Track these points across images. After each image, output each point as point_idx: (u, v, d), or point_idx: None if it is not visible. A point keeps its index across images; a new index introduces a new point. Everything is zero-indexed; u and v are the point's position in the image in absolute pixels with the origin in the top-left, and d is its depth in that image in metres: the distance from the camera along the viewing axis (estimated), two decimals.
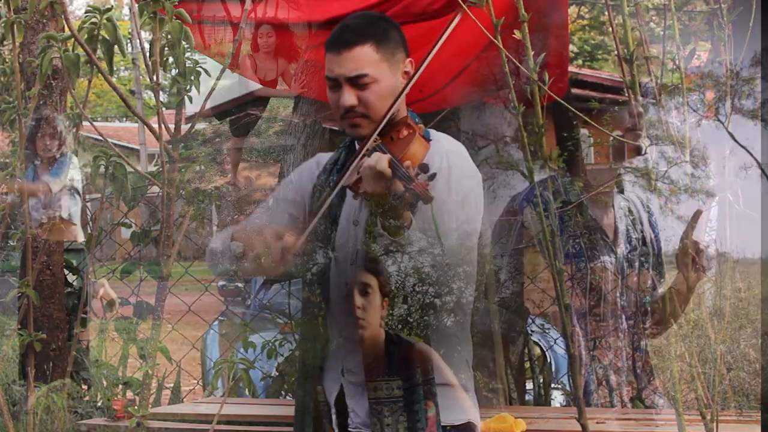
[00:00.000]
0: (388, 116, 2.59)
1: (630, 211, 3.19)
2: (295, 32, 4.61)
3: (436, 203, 2.45)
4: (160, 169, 3.84)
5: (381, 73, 2.62)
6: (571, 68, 4.07)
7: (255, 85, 5.63)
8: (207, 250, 2.74)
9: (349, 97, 2.61)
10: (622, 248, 3.11)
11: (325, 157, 2.86)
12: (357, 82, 2.60)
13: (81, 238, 4.46)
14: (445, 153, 2.64)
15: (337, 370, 2.59)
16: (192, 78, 3.71)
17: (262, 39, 4.86)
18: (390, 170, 2.42)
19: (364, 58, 2.60)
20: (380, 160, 2.44)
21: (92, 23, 3.77)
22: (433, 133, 2.73)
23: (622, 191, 3.19)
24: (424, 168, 2.43)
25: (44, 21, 5.26)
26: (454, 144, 2.74)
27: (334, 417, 2.57)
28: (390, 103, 2.62)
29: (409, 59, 2.69)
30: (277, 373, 3.61)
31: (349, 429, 2.53)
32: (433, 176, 2.42)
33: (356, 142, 2.72)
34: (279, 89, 4.98)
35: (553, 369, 3.33)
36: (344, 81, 2.62)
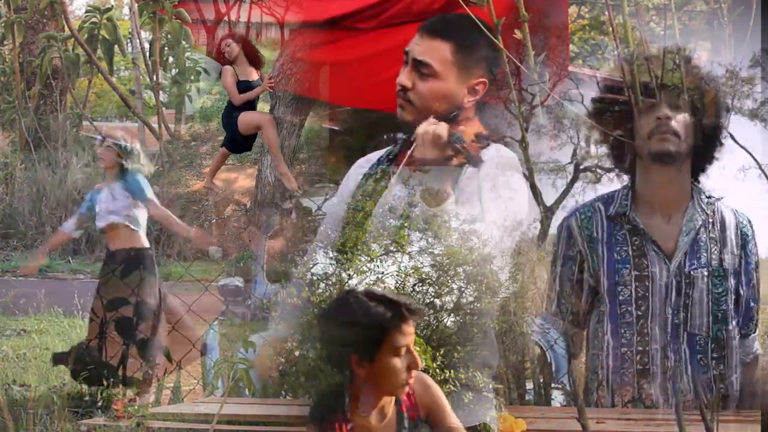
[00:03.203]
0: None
1: (708, 226, 3.00)
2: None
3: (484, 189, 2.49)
4: (160, 168, 3.84)
5: (447, 74, 2.65)
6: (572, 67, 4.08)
7: None
8: None
9: (405, 77, 2.65)
10: (679, 262, 2.98)
11: (375, 154, 2.90)
12: (419, 68, 2.63)
13: (146, 243, 4.44)
14: (497, 150, 2.67)
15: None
16: (192, 77, 3.72)
17: (228, 48, 4.87)
18: (446, 134, 2.47)
19: (439, 51, 2.64)
20: (438, 125, 2.49)
21: (92, 23, 3.77)
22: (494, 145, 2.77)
23: (698, 198, 3.03)
24: (479, 136, 2.49)
25: (44, 21, 5.27)
26: (509, 153, 2.78)
27: (347, 401, 2.52)
28: (443, 104, 2.65)
29: (483, 80, 2.70)
30: (276, 373, 3.60)
31: (360, 413, 2.50)
32: (487, 144, 2.46)
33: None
34: (254, 93, 4.97)
35: (553, 369, 3.32)
36: (411, 60, 2.65)
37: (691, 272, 2.96)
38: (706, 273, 2.96)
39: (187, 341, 4.25)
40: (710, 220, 3.00)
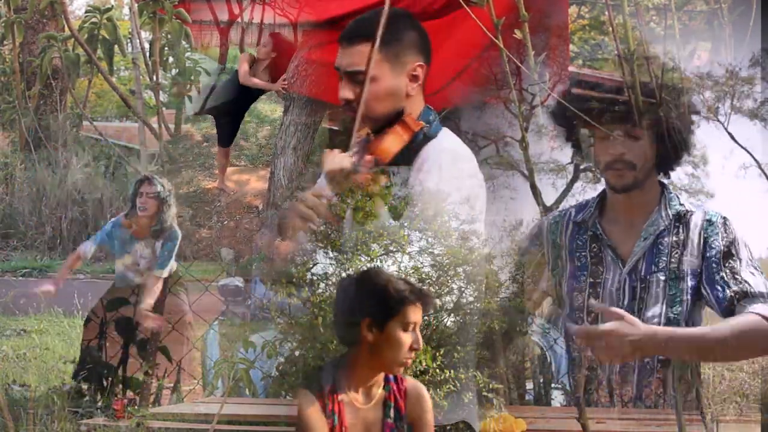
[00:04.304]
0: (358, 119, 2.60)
1: (672, 230, 2.93)
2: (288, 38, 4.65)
3: (426, 194, 2.48)
4: (160, 168, 3.84)
5: (380, 73, 2.62)
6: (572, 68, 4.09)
7: None
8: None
9: (346, 91, 2.63)
10: (636, 266, 2.93)
11: None
12: (355, 78, 2.61)
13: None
14: (441, 151, 2.64)
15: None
16: (192, 77, 3.72)
17: (265, 48, 4.88)
18: (349, 164, 2.48)
19: (365, 54, 2.60)
20: (342, 158, 2.50)
21: (92, 23, 3.78)
22: (443, 131, 2.73)
23: (666, 203, 2.96)
24: (376, 162, 2.50)
25: (44, 21, 5.28)
26: (454, 144, 2.74)
27: (342, 373, 2.52)
28: (388, 103, 2.63)
29: (420, 64, 2.68)
30: (277, 373, 3.61)
31: (349, 387, 2.50)
32: (383, 171, 2.48)
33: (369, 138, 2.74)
34: (265, 84, 4.99)
35: (553, 369, 3.33)
36: (344, 74, 2.63)
37: (647, 277, 2.92)
38: (663, 277, 2.91)
39: (187, 341, 4.25)
40: (676, 225, 2.95)
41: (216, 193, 6.53)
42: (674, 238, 2.94)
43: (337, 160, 2.51)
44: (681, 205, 2.96)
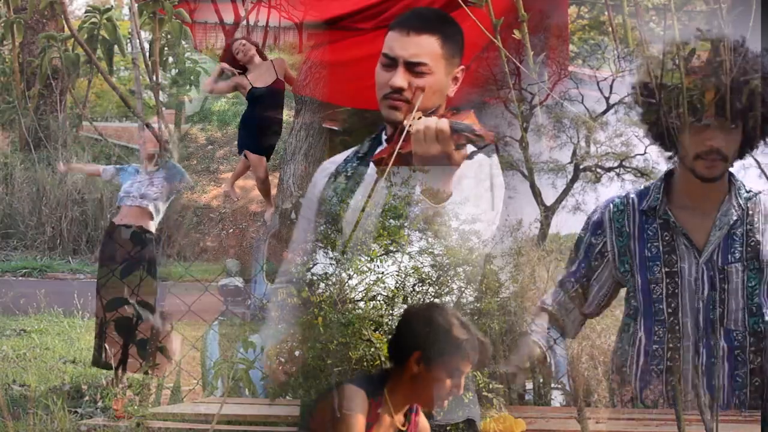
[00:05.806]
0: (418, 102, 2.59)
1: (745, 219, 2.93)
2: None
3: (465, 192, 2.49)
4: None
5: (438, 68, 2.66)
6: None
7: None
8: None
9: (401, 79, 2.64)
10: (711, 256, 2.92)
11: (330, 162, 2.88)
12: (414, 68, 2.63)
13: (152, 228, 4.50)
14: (482, 159, 2.66)
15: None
16: (191, 78, 3.72)
17: (241, 47, 4.84)
18: (448, 129, 2.45)
19: (429, 47, 2.64)
20: (438, 120, 2.47)
21: (92, 23, 3.78)
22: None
23: (736, 192, 2.95)
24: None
25: (44, 21, 5.28)
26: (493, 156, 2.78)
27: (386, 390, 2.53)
28: (435, 99, 2.66)
29: (462, 67, 2.71)
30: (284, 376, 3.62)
31: (391, 406, 2.52)
32: (491, 132, 2.46)
33: (384, 133, 2.75)
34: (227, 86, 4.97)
35: (553, 369, 3.33)
36: (402, 63, 2.65)
37: (725, 267, 2.92)
38: (741, 267, 2.91)
39: (187, 341, 4.26)
40: (749, 213, 2.95)
41: (221, 200, 6.52)
42: (748, 227, 2.95)
43: (433, 123, 2.48)
44: (748, 192, 2.96)
